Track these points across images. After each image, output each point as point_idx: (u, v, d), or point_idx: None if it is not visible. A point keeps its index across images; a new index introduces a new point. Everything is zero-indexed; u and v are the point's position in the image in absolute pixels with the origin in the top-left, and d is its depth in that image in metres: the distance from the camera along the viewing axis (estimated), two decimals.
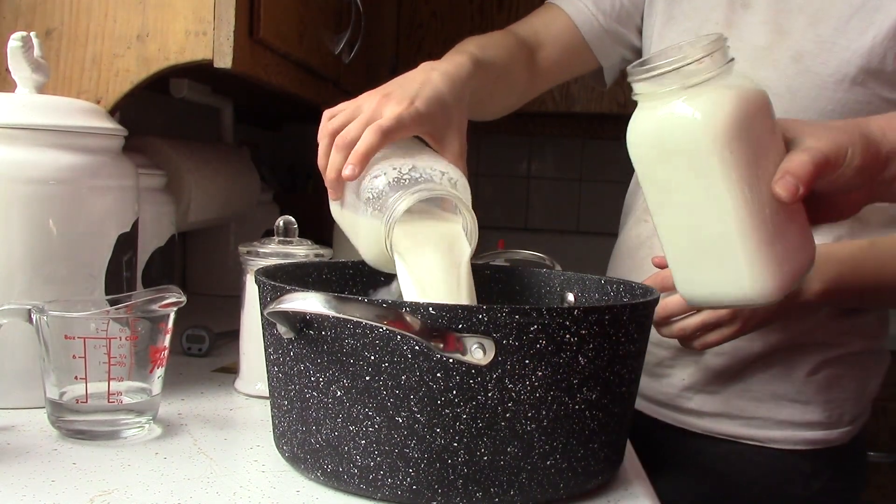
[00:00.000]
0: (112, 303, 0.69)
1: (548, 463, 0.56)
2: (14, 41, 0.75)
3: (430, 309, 0.53)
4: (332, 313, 0.51)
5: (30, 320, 0.67)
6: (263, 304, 0.61)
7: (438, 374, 0.53)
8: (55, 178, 0.73)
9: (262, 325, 0.63)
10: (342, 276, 0.78)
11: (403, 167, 0.69)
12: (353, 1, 1.30)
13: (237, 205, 1.36)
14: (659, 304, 0.78)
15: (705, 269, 0.61)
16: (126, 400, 0.68)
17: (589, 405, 0.57)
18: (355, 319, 0.52)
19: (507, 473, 0.55)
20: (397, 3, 1.94)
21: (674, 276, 0.64)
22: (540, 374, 0.54)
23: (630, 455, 0.71)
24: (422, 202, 0.67)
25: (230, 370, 0.93)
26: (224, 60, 0.85)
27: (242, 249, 0.84)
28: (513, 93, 0.98)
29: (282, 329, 0.58)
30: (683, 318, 0.87)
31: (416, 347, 0.53)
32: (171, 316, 0.70)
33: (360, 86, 1.60)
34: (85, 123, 0.75)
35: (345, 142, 0.70)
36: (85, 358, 0.66)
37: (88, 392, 0.66)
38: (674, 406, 0.98)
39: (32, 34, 0.77)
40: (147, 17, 0.85)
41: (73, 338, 0.66)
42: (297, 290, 0.54)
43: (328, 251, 0.86)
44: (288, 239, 0.85)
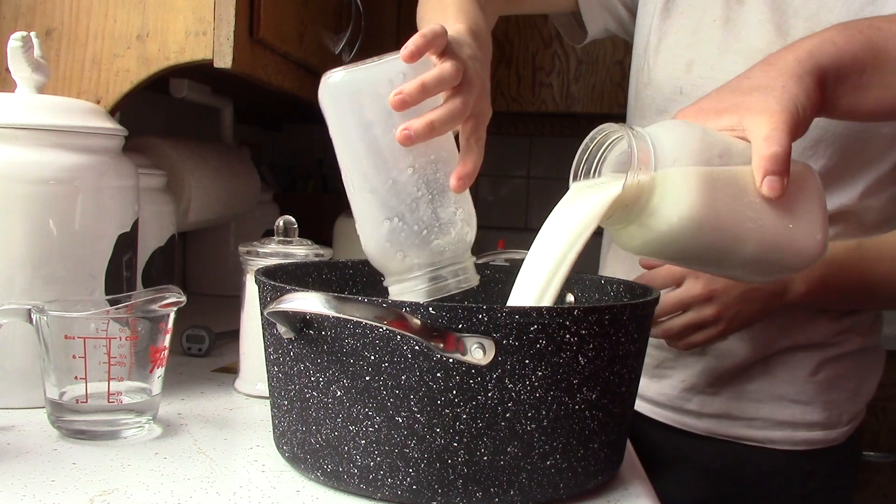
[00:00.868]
0: (112, 303, 0.69)
1: (548, 463, 0.56)
2: (14, 41, 0.75)
3: (430, 309, 0.53)
4: (332, 313, 0.51)
5: (30, 320, 0.67)
6: (263, 304, 0.61)
7: (438, 374, 0.53)
8: (55, 178, 0.73)
9: (262, 325, 0.63)
10: (342, 276, 0.78)
11: (470, 234, 0.68)
12: (353, 1, 1.30)
13: (237, 205, 1.36)
14: None
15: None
16: (126, 400, 0.68)
17: (589, 405, 0.57)
18: (355, 319, 0.52)
19: (507, 473, 0.55)
20: (397, 3, 1.94)
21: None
22: (540, 374, 0.54)
23: (630, 455, 0.71)
24: None
25: (230, 370, 0.93)
26: (224, 60, 0.85)
27: (242, 249, 0.84)
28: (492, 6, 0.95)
29: (282, 329, 0.58)
30: (670, 318, 0.87)
31: (416, 347, 0.53)
32: (171, 316, 0.70)
33: None
34: (85, 123, 0.75)
35: (465, 109, 0.70)
36: (85, 358, 0.66)
37: (88, 392, 0.66)
38: (674, 407, 0.98)
39: (32, 34, 0.77)
40: (147, 17, 0.85)
41: (73, 338, 0.66)
42: (297, 290, 0.54)
43: (328, 251, 0.86)
44: (288, 239, 0.85)
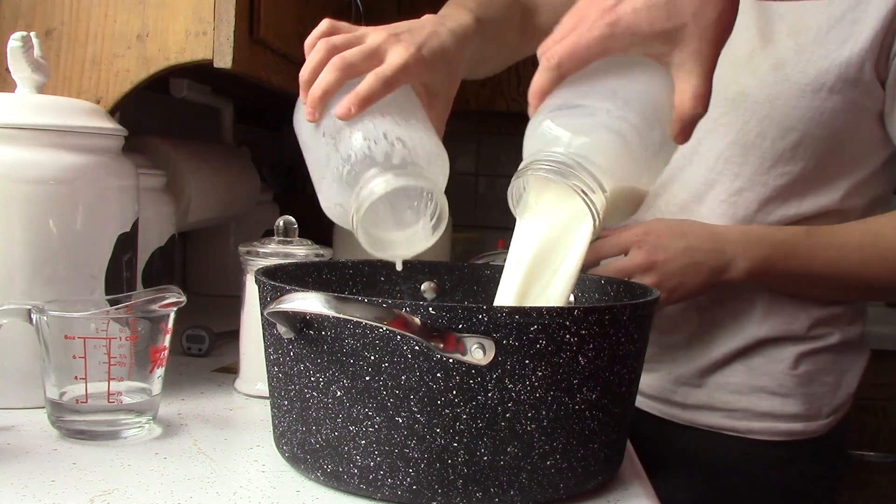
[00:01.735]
0: (112, 303, 0.69)
1: (548, 463, 0.56)
2: (14, 41, 0.75)
3: (430, 309, 0.53)
4: (332, 313, 0.51)
5: (30, 320, 0.67)
6: (263, 304, 0.61)
7: (438, 374, 0.53)
8: (55, 178, 0.73)
9: (262, 325, 0.63)
10: (342, 276, 0.79)
11: (390, 135, 0.65)
12: (353, 1, 1.30)
13: (237, 205, 1.36)
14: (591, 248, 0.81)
15: None
16: (126, 400, 0.68)
17: (589, 405, 0.57)
18: (355, 319, 0.52)
19: (507, 473, 0.55)
20: (397, 3, 1.94)
21: None
22: (540, 374, 0.54)
23: (630, 455, 0.71)
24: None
25: (230, 370, 0.93)
26: (224, 60, 0.85)
27: (242, 249, 0.84)
28: (502, 55, 0.96)
29: (282, 329, 0.58)
30: (608, 262, 0.91)
31: (416, 347, 0.53)
32: (171, 316, 0.70)
33: None
34: (85, 123, 0.75)
35: (344, 63, 0.67)
36: (85, 358, 0.66)
37: (88, 392, 0.66)
38: (661, 398, 1.01)
39: (32, 34, 0.77)
40: (147, 17, 0.85)
41: (73, 338, 0.66)
42: (297, 290, 0.54)
43: (328, 251, 0.86)
44: (288, 239, 0.85)
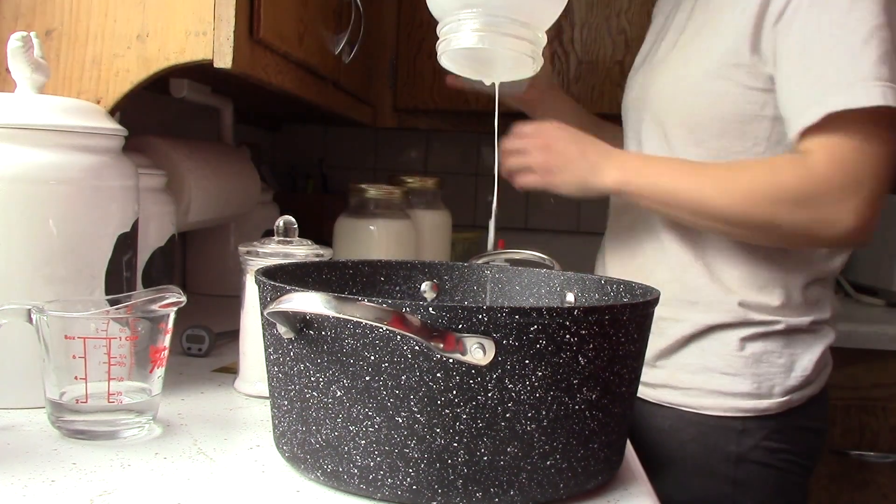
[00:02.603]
0: (112, 303, 0.69)
1: (548, 463, 0.56)
2: (14, 41, 0.75)
3: (430, 309, 0.53)
4: (332, 313, 0.51)
5: (30, 320, 0.67)
6: (263, 304, 0.61)
7: (438, 374, 0.53)
8: (55, 178, 0.73)
9: (262, 325, 0.63)
10: (342, 276, 0.78)
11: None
12: (353, 1, 1.30)
13: (237, 205, 1.36)
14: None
15: None
16: (126, 400, 0.68)
17: (589, 405, 0.57)
18: (355, 319, 0.52)
19: (507, 473, 0.55)
20: (397, 3, 1.94)
21: None
22: (540, 374, 0.54)
23: (630, 455, 0.71)
24: None
25: (230, 370, 0.93)
26: (224, 60, 0.85)
27: (242, 249, 0.84)
28: None
29: (282, 329, 0.58)
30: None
31: (416, 347, 0.53)
32: (171, 316, 0.70)
33: (360, 86, 1.60)
34: (85, 123, 0.75)
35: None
36: (85, 358, 0.66)
37: (88, 392, 0.66)
38: None
39: (32, 34, 0.77)
40: (147, 17, 0.85)
41: (73, 338, 0.66)
42: (297, 290, 0.54)
43: (328, 251, 0.86)
44: (288, 239, 0.85)
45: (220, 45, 0.85)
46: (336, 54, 1.27)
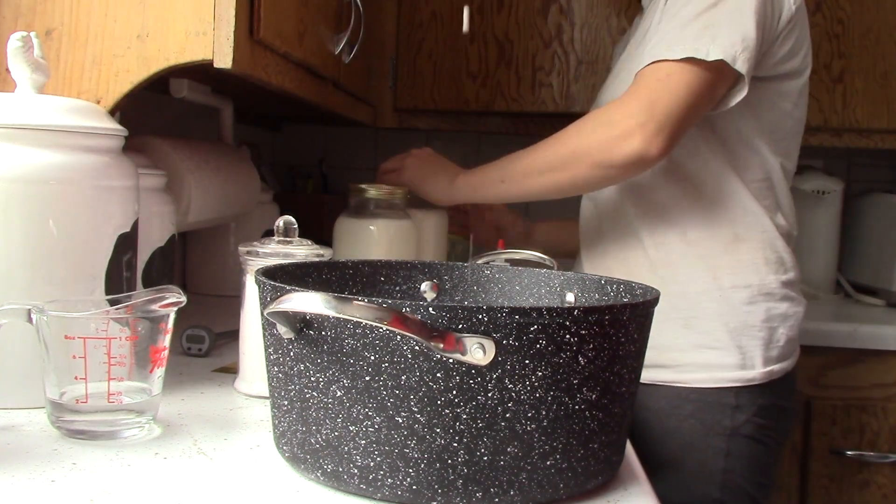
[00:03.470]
0: (112, 303, 0.69)
1: (548, 463, 0.56)
2: (14, 41, 0.75)
3: (430, 309, 0.53)
4: (332, 313, 0.51)
5: (30, 320, 0.67)
6: (263, 304, 0.61)
7: (438, 374, 0.53)
8: (55, 178, 0.73)
9: (262, 325, 0.63)
10: (342, 276, 0.78)
11: None
12: (353, 1, 1.30)
13: (237, 205, 1.36)
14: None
15: None
16: (126, 400, 0.68)
17: (589, 405, 0.57)
18: (355, 319, 0.52)
19: (507, 473, 0.55)
20: (397, 3, 1.94)
21: None
22: (540, 374, 0.54)
23: (630, 455, 0.71)
24: None
25: (230, 370, 0.93)
26: (224, 60, 0.85)
27: (242, 249, 0.84)
28: None
29: (282, 329, 0.58)
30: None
31: (416, 347, 0.53)
32: (171, 316, 0.70)
33: (360, 86, 1.60)
34: (85, 123, 0.75)
35: None
36: (85, 358, 0.66)
37: (88, 392, 0.66)
38: None
39: (32, 34, 0.77)
40: (147, 17, 0.85)
41: (73, 338, 0.66)
42: (298, 290, 0.54)
43: (328, 251, 0.86)
44: (288, 239, 0.85)
45: (220, 45, 0.85)
46: (336, 54, 1.27)
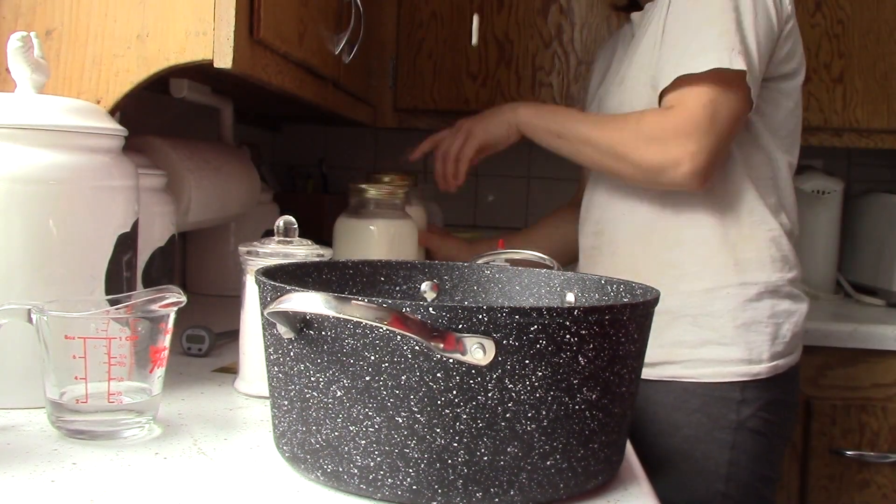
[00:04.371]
0: (112, 303, 0.69)
1: (548, 463, 0.56)
2: (14, 41, 0.75)
3: (430, 309, 0.53)
4: (332, 313, 0.51)
5: (30, 320, 0.67)
6: (263, 304, 0.61)
7: (438, 374, 0.53)
8: (55, 178, 0.73)
9: (262, 325, 0.63)
10: (342, 276, 0.78)
11: None
12: (353, 1, 1.30)
13: (237, 205, 1.36)
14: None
15: None
16: (126, 400, 0.68)
17: (589, 405, 0.57)
18: (355, 319, 0.52)
19: (507, 473, 0.55)
20: (397, 3, 1.94)
21: None
22: (540, 374, 0.54)
23: (630, 455, 0.71)
24: None
25: (230, 370, 0.93)
26: (224, 60, 0.85)
27: (242, 249, 0.84)
28: None
29: (282, 329, 0.58)
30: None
31: (416, 347, 0.53)
32: (171, 316, 0.70)
33: (360, 86, 1.60)
34: (85, 123, 0.75)
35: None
36: (85, 358, 0.66)
37: (88, 392, 0.66)
38: None
39: (32, 34, 0.77)
40: (147, 17, 0.85)
41: (73, 338, 0.66)
42: (298, 290, 0.54)
43: (328, 251, 0.86)
44: (288, 239, 0.85)
45: (220, 45, 0.85)
46: (336, 54, 1.27)
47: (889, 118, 1.90)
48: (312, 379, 0.57)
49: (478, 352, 0.53)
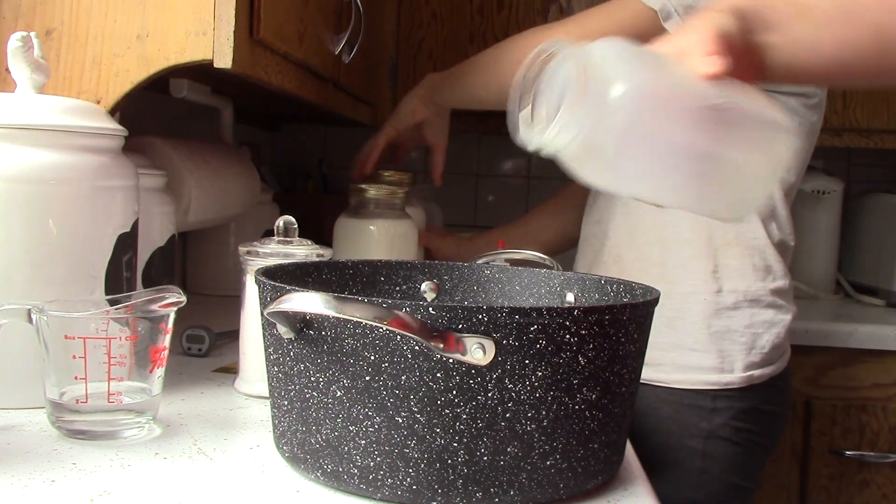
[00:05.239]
0: (112, 303, 0.69)
1: (548, 463, 0.56)
2: (14, 41, 0.75)
3: (430, 309, 0.53)
4: (332, 313, 0.51)
5: (30, 320, 0.67)
6: (263, 304, 0.61)
7: (438, 374, 0.53)
8: (55, 178, 0.73)
9: (262, 325, 0.63)
10: (342, 276, 0.78)
11: None
12: (353, 1, 1.30)
13: (237, 205, 1.36)
14: None
15: None
16: (126, 400, 0.68)
17: (589, 405, 0.57)
18: (355, 319, 0.52)
19: (507, 473, 0.55)
20: (397, 3, 1.94)
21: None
22: (540, 374, 0.54)
23: (630, 455, 0.71)
24: None
25: (230, 370, 0.93)
26: (224, 60, 0.85)
27: (242, 249, 0.84)
28: None
29: (282, 329, 0.58)
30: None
31: (416, 347, 0.53)
32: (171, 316, 0.70)
33: (360, 86, 1.60)
34: (85, 123, 0.75)
35: None
36: (85, 358, 0.66)
37: (88, 392, 0.66)
38: None
39: (32, 34, 0.77)
40: (147, 17, 0.85)
41: (73, 338, 0.66)
42: (298, 290, 0.54)
43: (328, 251, 0.86)
44: (288, 239, 0.85)
45: (220, 45, 0.85)
46: (336, 54, 1.27)
47: (889, 118, 1.90)
48: (312, 379, 0.57)
49: (478, 352, 0.53)
